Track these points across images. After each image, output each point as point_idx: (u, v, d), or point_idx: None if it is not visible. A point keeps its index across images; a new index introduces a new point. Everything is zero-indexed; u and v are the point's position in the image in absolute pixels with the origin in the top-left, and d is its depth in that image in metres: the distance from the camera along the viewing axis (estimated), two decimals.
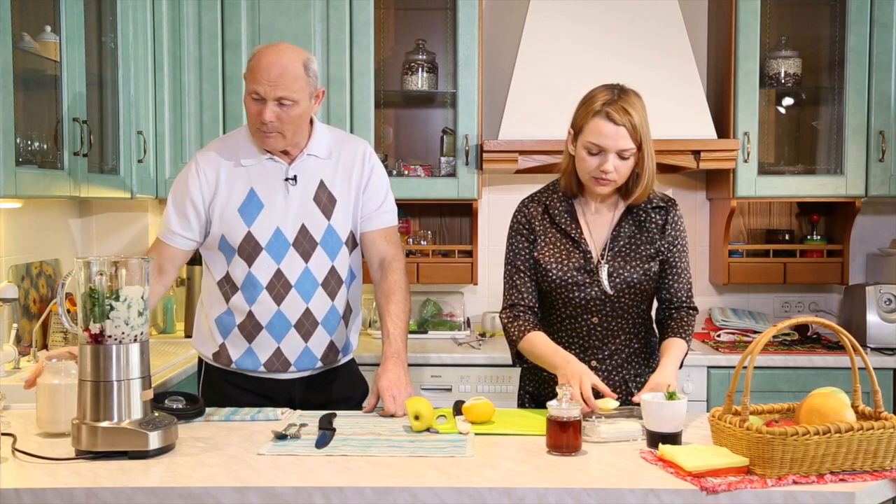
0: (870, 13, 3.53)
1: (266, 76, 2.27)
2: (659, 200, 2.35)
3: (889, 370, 3.31)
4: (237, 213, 2.38)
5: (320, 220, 2.40)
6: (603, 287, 2.27)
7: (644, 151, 2.23)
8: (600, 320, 2.31)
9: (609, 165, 2.21)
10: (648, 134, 2.23)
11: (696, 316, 2.37)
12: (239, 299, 2.41)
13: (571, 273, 2.29)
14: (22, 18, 2.54)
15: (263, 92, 2.27)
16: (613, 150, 2.20)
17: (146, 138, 3.34)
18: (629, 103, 2.20)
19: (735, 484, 1.68)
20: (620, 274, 2.28)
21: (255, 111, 2.31)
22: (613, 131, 2.19)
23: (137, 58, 3.25)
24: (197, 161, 2.44)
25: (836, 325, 1.82)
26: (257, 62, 2.30)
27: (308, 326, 2.42)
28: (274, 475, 1.76)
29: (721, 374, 3.34)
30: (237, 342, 2.43)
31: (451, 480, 1.73)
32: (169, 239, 2.45)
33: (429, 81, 3.75)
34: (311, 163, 2.42)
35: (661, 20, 3.61)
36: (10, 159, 2.33)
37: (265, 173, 2.40)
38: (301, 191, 2.40)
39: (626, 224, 2.32)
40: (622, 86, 2.27)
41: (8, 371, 2.75)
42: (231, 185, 2.40)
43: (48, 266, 3.28)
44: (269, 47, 2.33)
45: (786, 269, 3.72)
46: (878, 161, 3.55)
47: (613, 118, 2.19)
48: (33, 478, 1.74)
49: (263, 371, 2.43)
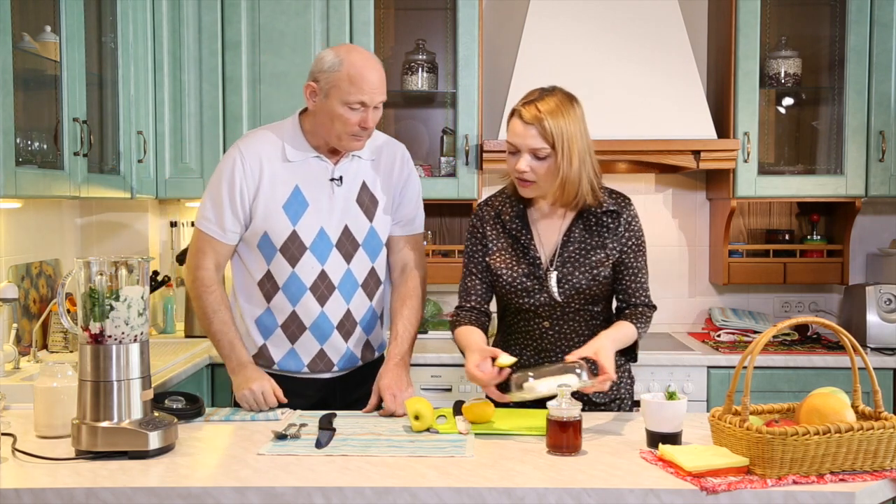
0: (870, 13, 3.53)
1: (370, 85, 2.26)
2: (611, 203, 2.28)
3: (889, 370, 3.31)
4: (281, 210, 2.35)
5: (363, 221, 2.40)
6: (551, 294, 2.26)
7: (561, 154, 2.16)
8: (552, 324, 2.30)
9: (522, 164, 2.18)
10: (574, 138, 2.17)
11: (652, 313, 2.32)
12: (281, 299, 2.38)
13: (521, 279, 2.27)
14: (22, 18, 2.54)
15: (369, 100, 2.26)
16: (525, 150, 2.18)
17: (146, 138, 3.34)
18: (546, 103, 2.17)
19: (735, 484, 1.68)
20: (569, 280, 2.25)
21: (354, 120, 2.27)
22: (523, 130, 2.17)
23: (137, 58, 3.26)
24: (241, 151, 2.37)
25: (836, 325, 1.82)
26: (358, 72, 2.25)
27: (349, 327, 2.43)
28: (274, 475, 1.76)
29: (721, 374, 3.34)
30: (279, 343, 2.42)
31: (451, 480, 1.73)
32: (222, 237, 2.38)
33: (429, 81, 3.75)
34: (356, 164, 2.42)
35: (661, 20, 3.61)
36: (10, 159, 2.33)
37: (311, 171, 2.38)
38: (345, 191, 2.39)
39: (576, 229, 2.28)
40: (556, 87, 2.23)
41: (8, 371, 2.75)
42: (275, 181, 2.35)
43: (48, 266, 3.28)
44: (358, 54, 2.30)
45: (786, 269, 3.72)
46: (878, 161, 3.55)
47: (523, 116, 2.17)
48: (33, 478, 1.74)
49: (307, 372, 2.43)
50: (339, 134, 2.31)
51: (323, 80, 2.28)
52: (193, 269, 2.40)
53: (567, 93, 2.23)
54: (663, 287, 3.94)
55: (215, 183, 2.38)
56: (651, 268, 3.98)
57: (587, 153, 2.21)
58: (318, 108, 2.32)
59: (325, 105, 2.29)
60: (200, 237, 2.40)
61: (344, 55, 2.28)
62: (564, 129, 2.15)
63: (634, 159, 3.60)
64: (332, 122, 2.30)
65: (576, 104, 2.21)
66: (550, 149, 2.16)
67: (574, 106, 2.20)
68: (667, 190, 3.96)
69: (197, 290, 2.39)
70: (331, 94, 2.27)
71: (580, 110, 2.21)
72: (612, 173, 3.90)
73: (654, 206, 3.96)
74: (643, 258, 2.33)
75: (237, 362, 2.36)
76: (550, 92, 2.21)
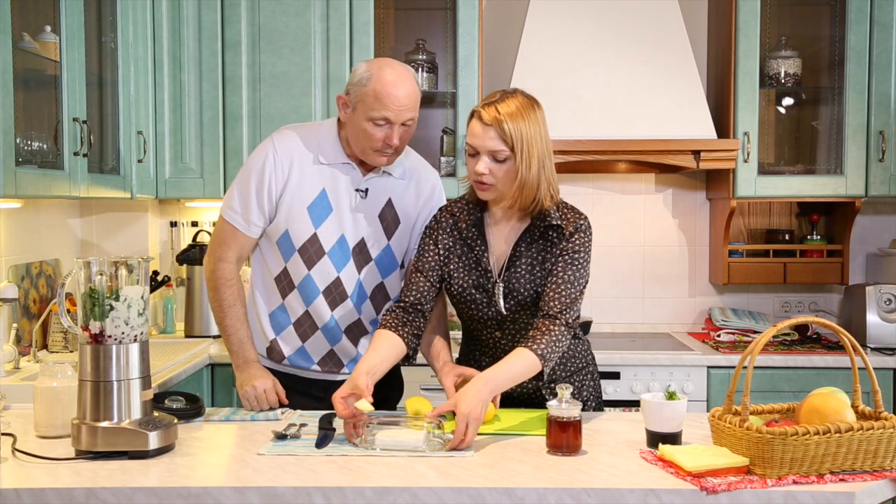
0: (870, 13, 3.53)
1: (397, 102, 2.22)
2: (557, 218, 2.20)
3: (889, 370, 3.31)
4: (305, 211, 2.34)
5: (381, 238, 2.39)
6: (498, 307, 2.23)
7: (520, 157, 2.11)
8: (503, 335, 2.27)
9: (481, 166, 2.13)
10: (533, 141, 2.12)
11: (565, 333, 2.14)
12: (295, 298, 2.38)
13: (470, 291, 2.25)
14: (22, 18, 2.54)
15: (394, 117, 2.24)
16: (484, 151, 2.13)
17: (146, 138, 3.34)
18: (506, 105, 2.12)
19: (735, 484, 1.68)
20: (514, 296, 2.21)
21: (379, 136, 2.25)
22: (481, 131, 2.13)
23: (137, 58, 3.25)
24: (274, 145, 2.36)
25: (836, 325, 1.82)
26: (384, 88, 2.22)
27: (357, 332, 2.43)
28: (274, 475, 1.76)
29: (721, 374, 3.34)
30: (290, 340, 2.42)
31: (451, 480, 1.73)
32: (246, 229, 2.37)
33: (429, 81, 3.75)
34: (385, 180, 2.40)
35: (661, 20, 3.61)
36: (10, 159, 2.33)
37: (338, 178, 2.36)
38: (369, 205, 2.38)
39: (522, 243, 2.23)
40: (517, 90, 2.19)
41: (8, 371, 2.75)
42: (303, 180, 2.35)
43: (48, 266, 3.28)
44: (387, 69, 2.25)
45: (786, 269, 3.72)
46: (878, 161, 3.55)
47: (483, 118, 2.13)
48: (33, 478, 1.74)
49: (317, 369, 2.43)
50: (363, 148, 2.30)
51: (353, 94, 2.28)
52: (215, 261, 2.39)
53: (528, 95, 2.18)
54: (663, 287, 3.94)
55: (245, 174, 2.37)
56: (651, 268, 4.04)
57: (546, 157, 2.16)
58: (348, 121, 2.31)
59: (353, 118, 2.28)
60: (224, 227, 2.39)
61: (375, 70, 2.25)
62: (524, 132, 2.11)
63: (634, 159, 3.60)
64: (357, 136, 2.29)
65: (537, 107, 2.16)
66: (509, 151, 2.11)
67: (535, 109, 2.15)
68: (667, 190, 3.96)
69: (216, 282, 2.39)
70: (358, 108, 2.26)
71: (541, 113, 2.16)
72: (612, 173, 3.91)
73: (654, 206, 3.96)
74: (573, 273, 2.17)
75: (243, 359, 2.37)
76: (511, 94, 2.16)
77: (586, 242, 2.21)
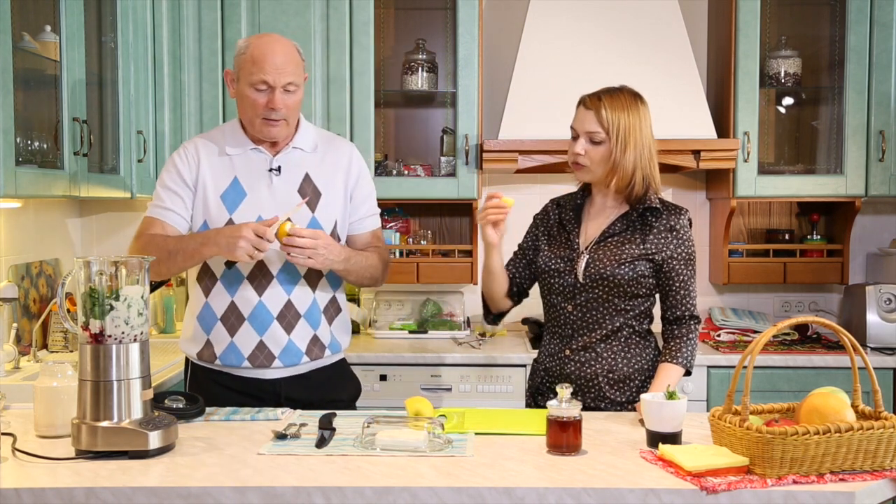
0: (870, 13, 3.53)
1: (273, 64, 2.29)
2: (660, 204, 2.38)
3: (889, 370, 3.31)
4: (219, 200, 2.38)
5: (304, 212, 2.39)
6: (577, 275, 2.34)
7: (616, 142, 2.29)
8: (574, 309, 2.37)
9: (578, 147, 2.33)
10: (630, 129, 2.30)
11: (696, 327, 2.38)
12: (220, 291, 2.38)
13: (555, 261, 2.40)
14: (22, 18, 2.54)
15: (272, 80, 2.29)
16: (582, 132, 2.33)
17: (146, 138, 3.34)
18: (610, 94, 2.32)
19: (735, 484, 1.68)
20: (596, 266, 2.33)
21: (262, 101, 2.31)
22: (583, 114, 2.34)
23: (137, 58, 3.25)
24: (184, 146, 2.46)
25: (836, 324, 1.82)
26: (260, 52, 2.30)
27: (290, 318, 2.40)
28: (274, 475, 1.76)
29: (721, 374, 3.34)
30: (220, 337, 2.40)
31: (451, 480, 1.73)
32: (161, 214, 2.38)
33: (429, 81, 3.75)
34: (297, 155, 2.43)
35: (661, 20, 3.61)
36: (10, 159, 2.33)
37: (250, 163, 2.41)
38: (285, 182, 2.40)
39: (619, 223, 2.38)
40: (624, 86, 2.37)
41: (8, 371, 2.75)
42: (215, 172, 2.40)
43: (48, 266, 3.28)
44: (264, 37, 2.36)
45: (786, 269, 3.72)
46: (878, 161, 3.55)
47: (585, 103, 2.35)
48: (33, 478, 1.74)
49: (248, 366, 2.40)
50: (250, 119, 2.37)
51: (236, 65, 2.37)
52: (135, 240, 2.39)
53: (634, 91, 2.36)
54: None
55: (161, 176, 2.44)
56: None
57: (644, 148, 2.33)
58: (237, 95, 2.39)
59: (239, 90, 2.37)
60: (144, 221, 2.42)
61: (253, 39, 2.36)
62: (622, 120, 2.29)
63: None
64: (245, 107, 2.36)
65: (640, 102, 2.34)
66: (605, 134, 2.30)
67: (637, 103, 2.33)
68: (667, 190, 3.96)
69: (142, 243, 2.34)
70: (240, 77, 2.35)
71: (644, 109, 2.34)
72: None
73: None
74: (691, 270, 2.38)
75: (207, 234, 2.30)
76: (618, 88, 2.36)
77: (692, 237, 2.42)
